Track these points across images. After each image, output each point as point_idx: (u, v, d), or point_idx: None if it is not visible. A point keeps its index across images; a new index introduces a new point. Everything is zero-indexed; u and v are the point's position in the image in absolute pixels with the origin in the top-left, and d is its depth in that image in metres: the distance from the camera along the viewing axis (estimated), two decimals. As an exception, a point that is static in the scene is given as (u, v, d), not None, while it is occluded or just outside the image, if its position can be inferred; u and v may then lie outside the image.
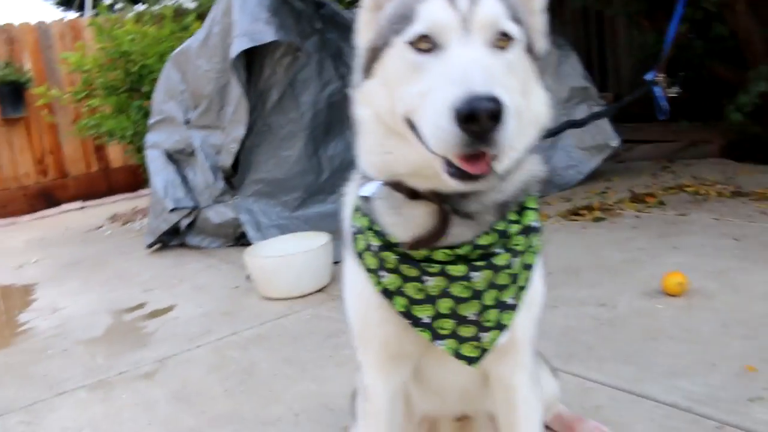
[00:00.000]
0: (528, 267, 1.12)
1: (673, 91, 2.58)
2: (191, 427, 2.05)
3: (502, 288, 1.08)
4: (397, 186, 1.09)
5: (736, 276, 2.56)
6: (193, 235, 4.61)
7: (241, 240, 4.44)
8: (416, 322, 1.11)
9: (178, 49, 4.57)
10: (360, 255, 1.16)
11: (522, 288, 1.11)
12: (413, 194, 1.07)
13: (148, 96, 5.74)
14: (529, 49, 1.03)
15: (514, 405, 1.23)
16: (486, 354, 1.11)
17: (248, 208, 4.33)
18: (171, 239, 4.73)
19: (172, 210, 4.45)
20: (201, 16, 7.05)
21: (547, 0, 1.11)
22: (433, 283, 1.07)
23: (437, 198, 1.04)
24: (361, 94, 1.11)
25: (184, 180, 4.61)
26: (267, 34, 3.77)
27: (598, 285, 2.68)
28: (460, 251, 1.06)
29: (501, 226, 1.07)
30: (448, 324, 1.09)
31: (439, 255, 1.07)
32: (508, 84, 0.94)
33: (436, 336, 1.10)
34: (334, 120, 4.53)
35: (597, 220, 3.67)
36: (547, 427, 1.62)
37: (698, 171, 4.46)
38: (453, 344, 1.10)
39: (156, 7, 8.92)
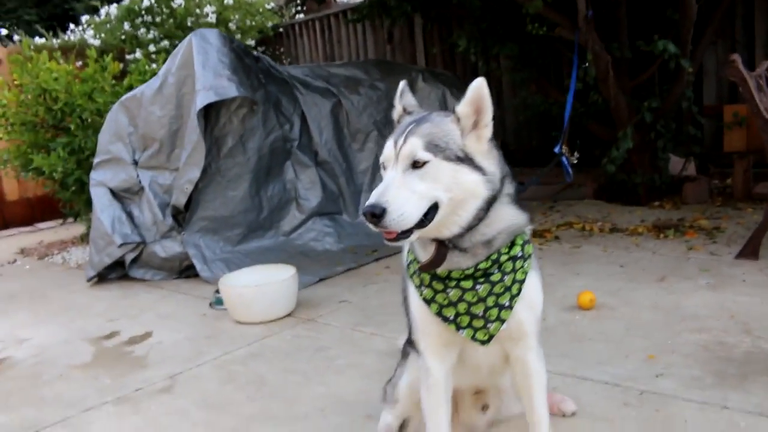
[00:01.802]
0: (519, 281, 1.70)
1: (575, 158, 3.33)
2: (233, 427, 2.49)
3: (498, 295, 1.67)
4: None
5: (627, 294, 3.39)
6: (136, 268, 4.92)
7: (184, 272, 4.83)
8: (445, 319, 1.70)
9: (128, 94, 4.91)
10: (411, 277, 1.77)
11: (515, 295, 1.69)
12: (433, 238, 1.66)
13: (74, 134, 5.93)
14: (454, 157, 1.57)
15: (528, 374, 1.82)
16: (492, 338, 1.69)
17: (195, 243, 4.74)
18: (109, 273, 4.99)
19: (121, 245, 4.74)
20: (103, 52, 7.31)
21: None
22: (452, 293, 1.67)
23: (440, 240, 1.64)
24: None
25: (130, 216, 4.91)
26: (230, 89, 4.27)
27: (526, 304, 3.39)
28: (468, 272, 1.66)
29: (494, 257, 1.67)
30: (465, 319, 1.69)
31: (455, 274, 1.66)
32: (418, 187, 1.52)
33: (459, 327, 1.70)
34: (274, 164, 5.07)
35: (509, 252, 4.43)
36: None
37: (580, 210, 5.42)
38: (470, 333, 1.70)
39: (56, 41, 8.98)
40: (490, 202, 1.62)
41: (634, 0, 5.37)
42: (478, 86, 1.59)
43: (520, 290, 1.69)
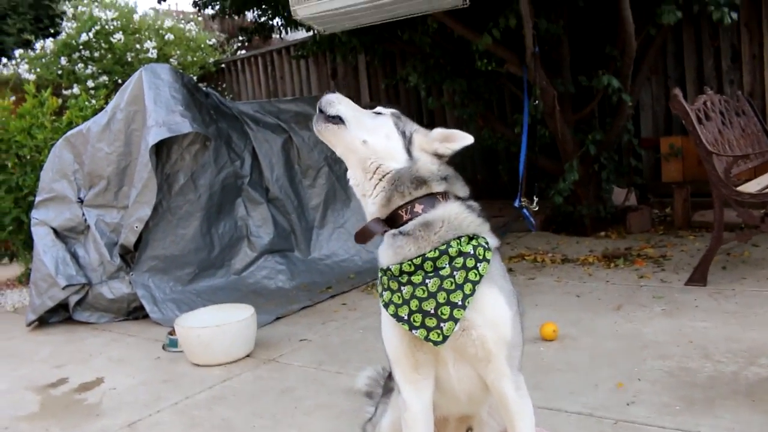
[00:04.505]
0: (472, 282, 1.66)
1: (535, 206, 3.38)
2: (202, 474, 2.40)
3: (449, 292, 1.65)
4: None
5: (587, 323, 3.46)
6: (81, 310, 4.70)
7: (132, 314, 4.66)
8: (400, 319, 1.69)
9: (73, 130, 4.76)
10: (378, 289, 1.78)
11: (468, 295, 1.65)
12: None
13: (11, 171, 5.69)
14: (400, 129, 1.78)
15: (506, 406, 1.76)
16: (447, 339, 1.65)
17: (144, 284, 4.59)
18: (51, 316, 4.76)
19: (66, 287, 4.54)
20: (39, 87, 7.07)
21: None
22: (405, 290, 1.67)
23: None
24: None
25: (74, 257, 4.72)
26: (184, 125, 4.19)
27: (489, 336, 3.41)
28: (416, 262, 1.66)
29: (442, 247, 1.67)
30: (418, 318, 1.67)
31: (405, 266, 1.66)
32: (366, 118, 1.79)
33: (412, 327, 1.67)
34: (225, 201, 4.99)
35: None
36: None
37: (529, 242, 5.52)
38: (423, 333, 1.67)
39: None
40: (418, 186, 1.70)
41: (574, 37, 5.58)
42: (465, 137, 1.78)
43: (473, 291, 1.65)
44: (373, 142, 1.75)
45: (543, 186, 5.75)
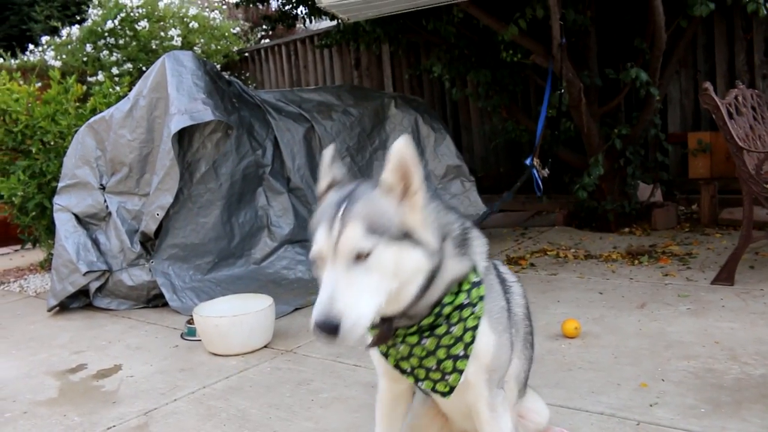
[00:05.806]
0: (471, 328, 1.60)
1: (545, 173, 3.32)
2: (217, 465, 2.38)
3: (449, 347, 1.59)
4: None
5: (610, 321, 3.39)
6: (101, 297, 4.73)
7: (152, 302, 4.67)
8: (403, 371, 1.65)
9: (96, 117, 4.77)
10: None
11: (469, 343, 1.60)
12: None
13: (35, 157, 5.73)
14: (395, 237, 1.40)
15: (479, 423, 1.73)
16: (454, 389, 1.62)
17: (164, 272, 4.59)
18: (72, 302, 4.79)
19: (86, 273, 4.56)
20: (65, 73, 7.10)
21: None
22: (402, 348, 1.62)
23: (385, 320, 1.54)
24: None
25: (96, 243, 4.74)
26: (206, 113, 4.17)
27: (509, 332, 3.36)
28: (411, 329, 1.58)
29: (437, 310, 1.57)
30: (422, 372, 1.63)
31: (400, 331, 1.59)
32: (367, 284, 1.35)
33: (417, 380, 1.65)
34: (246, 190, 4.97)
35: (486, 279, 4.41)
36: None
37: (551, 237, 5.45)
38: (429, 384, 1.63)
39: (14, 61, 8.73)
40: (435, 271, 1.50)
41: (602, 29, 5.48)
42: (400, 148, 1.41)
43: (473, 337, 1.59)
44: (397, 284, 1.43)
45: (566, 180, 5.68)
